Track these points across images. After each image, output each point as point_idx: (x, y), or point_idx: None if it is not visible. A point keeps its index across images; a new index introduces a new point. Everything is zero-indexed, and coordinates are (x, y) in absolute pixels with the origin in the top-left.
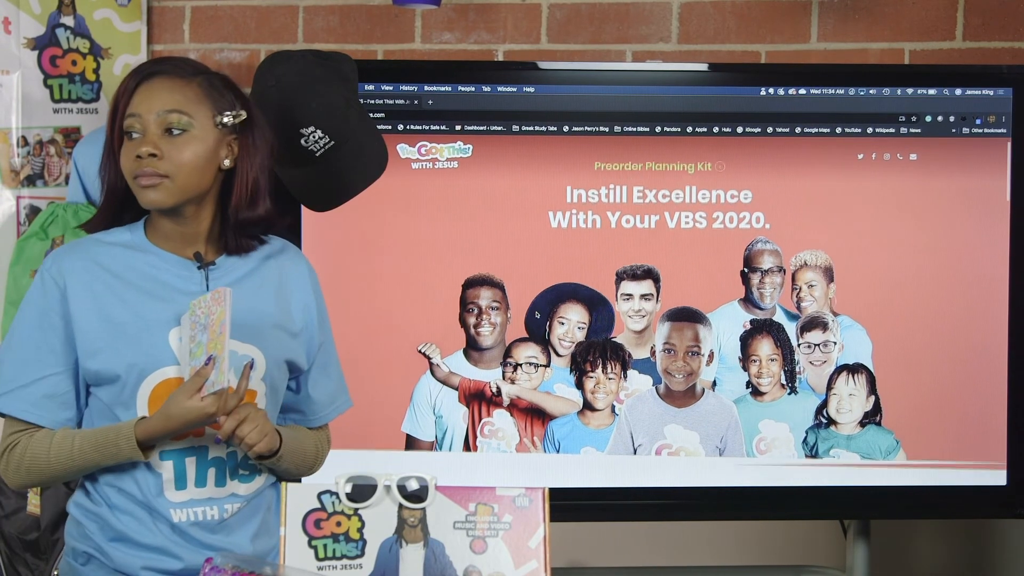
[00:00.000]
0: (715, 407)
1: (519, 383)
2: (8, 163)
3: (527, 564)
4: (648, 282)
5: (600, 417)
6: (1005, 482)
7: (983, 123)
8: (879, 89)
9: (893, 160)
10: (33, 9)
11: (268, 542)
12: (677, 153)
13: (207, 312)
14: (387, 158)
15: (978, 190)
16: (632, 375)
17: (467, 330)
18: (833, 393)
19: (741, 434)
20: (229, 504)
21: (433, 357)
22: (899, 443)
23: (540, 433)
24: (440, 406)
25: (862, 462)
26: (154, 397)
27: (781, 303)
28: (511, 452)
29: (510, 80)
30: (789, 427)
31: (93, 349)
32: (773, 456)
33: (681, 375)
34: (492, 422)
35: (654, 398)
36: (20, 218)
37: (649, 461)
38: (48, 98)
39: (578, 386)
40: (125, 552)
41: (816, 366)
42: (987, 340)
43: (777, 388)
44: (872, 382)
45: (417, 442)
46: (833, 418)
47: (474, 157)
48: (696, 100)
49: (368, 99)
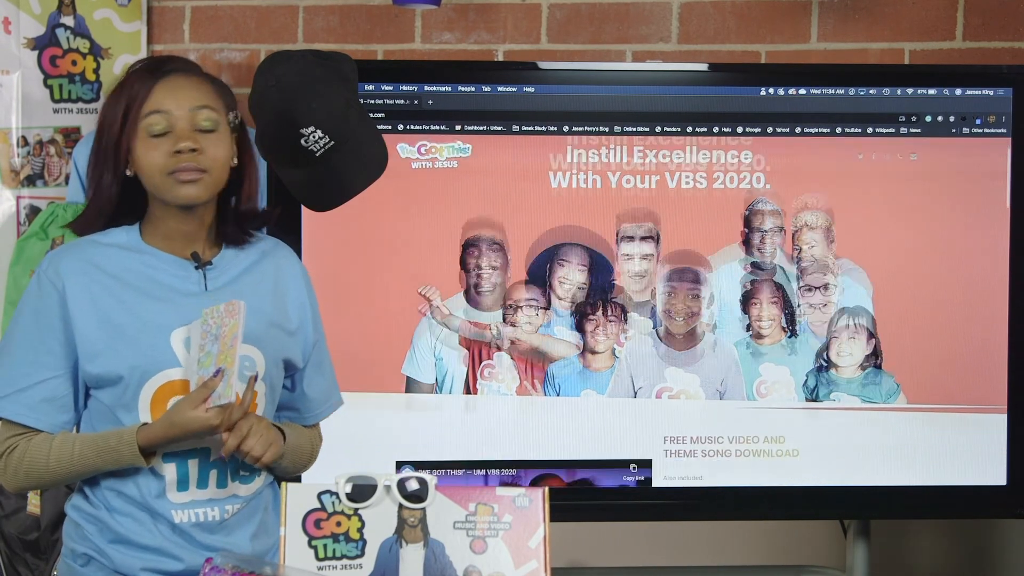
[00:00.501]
0: (715, 350)
1: (519, 326)
2: (8, 163)
3: (527, 564)
4: (649, 224)
5: (600, 360)
6: (1005, 482)
7: (983, 123)
8: (879, 89)
9: (893, 160)
10: (33, 9)
11: (267, 542)
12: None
13: (219, 323)
14: (387, 158)
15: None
16: (632, 318)
17: (468, 272)
18: (833, 336)
19: (741, 377)
20: (230, 505)
21: (433, 299)
22: (899, 386)
23: (540, 376)
24: (440, 348)
25: (863, 405)
26: (156, 399)
27: (782, 246)
28: (511, 395)
29: (510, 80)
30: (789, 370)
31: (93, 352)
32: (773, 399)
33: (681, 318)
34: (492, 365)
35: (654, 341)
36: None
37: (649, 405)
38: (48, 98)
39: (578, 329)
40: (125, 553)
41: (816, 309)
42: (987, 294)
43: (777, 331)
44: (873, 325)
45: (417, 384)
46: (833, 361)
47: (473, 157)
48: (696, 100)
49: (368, 99)
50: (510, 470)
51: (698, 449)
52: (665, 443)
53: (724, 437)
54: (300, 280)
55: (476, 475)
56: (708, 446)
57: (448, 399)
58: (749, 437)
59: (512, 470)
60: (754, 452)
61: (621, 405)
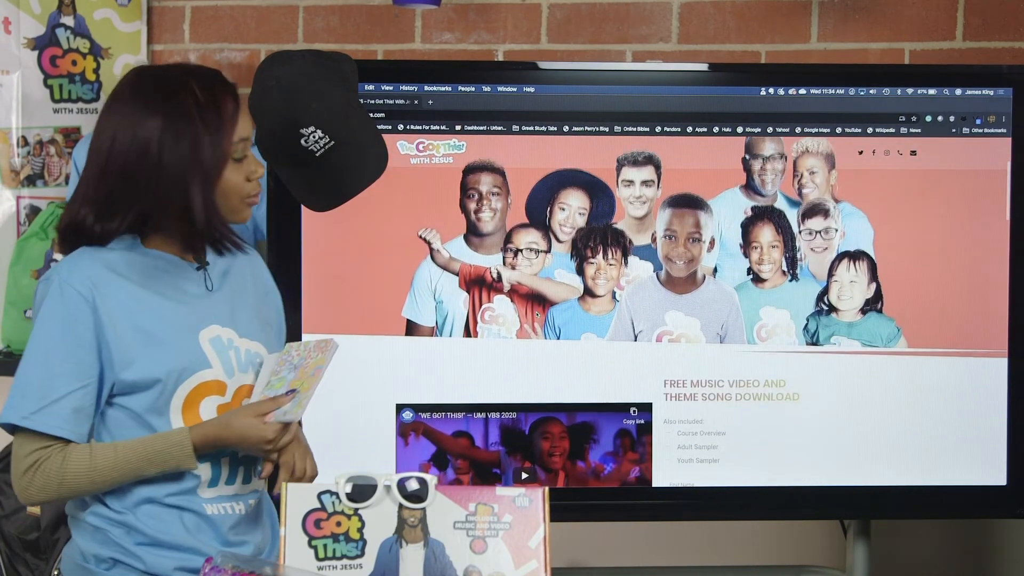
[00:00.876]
0: (716, 294)
1: (519, 269)
2: (8, 163)
3: (527, 564)
4: (649, 168)
5: (601, 303)
6: (1005, 482)
7: (983, 123)
8: (879, 89)
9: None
10: (33, 9)
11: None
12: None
13: (303, 355)
14: (387, 158)
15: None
16: (633, 261)
17: (467, 215)
18: (834, 280)
19: (742, 321)
20: (252, 499)
21: (433, 242)
22: (900, 330)
23: (540, 319)
24: (440, 291)
25: (864, 349)
26: (188, 401)
27: (782, 190)
28: (511, 338)
29: (510, 80)
30: (790, 314)
31: (127, 359)
32: (774, 343)
33: (682, 262)
34: (492, 308)
35: (655, 284)
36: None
37: (649, 348)
38: (48, 98)
39: (579, 272)
40: (157, 555)
41: (817, 253)
42: (988, 238)
43: (778, 275)
44: (873, 269)
45: (417, 327)
46: (834, 305)
47: (467, 153)
48: (696, 100)
49: (368, 99)
50: (510, 413)
51: (698, 393)
52: (665, 387)
53: (724, 381)
54: (268, 272)
55: (476, 418)
56: (708, 390)
57: (448, 342)
58: (749, 381)
59: (512, 413)
60: (754, 396)
61: (621, 349)
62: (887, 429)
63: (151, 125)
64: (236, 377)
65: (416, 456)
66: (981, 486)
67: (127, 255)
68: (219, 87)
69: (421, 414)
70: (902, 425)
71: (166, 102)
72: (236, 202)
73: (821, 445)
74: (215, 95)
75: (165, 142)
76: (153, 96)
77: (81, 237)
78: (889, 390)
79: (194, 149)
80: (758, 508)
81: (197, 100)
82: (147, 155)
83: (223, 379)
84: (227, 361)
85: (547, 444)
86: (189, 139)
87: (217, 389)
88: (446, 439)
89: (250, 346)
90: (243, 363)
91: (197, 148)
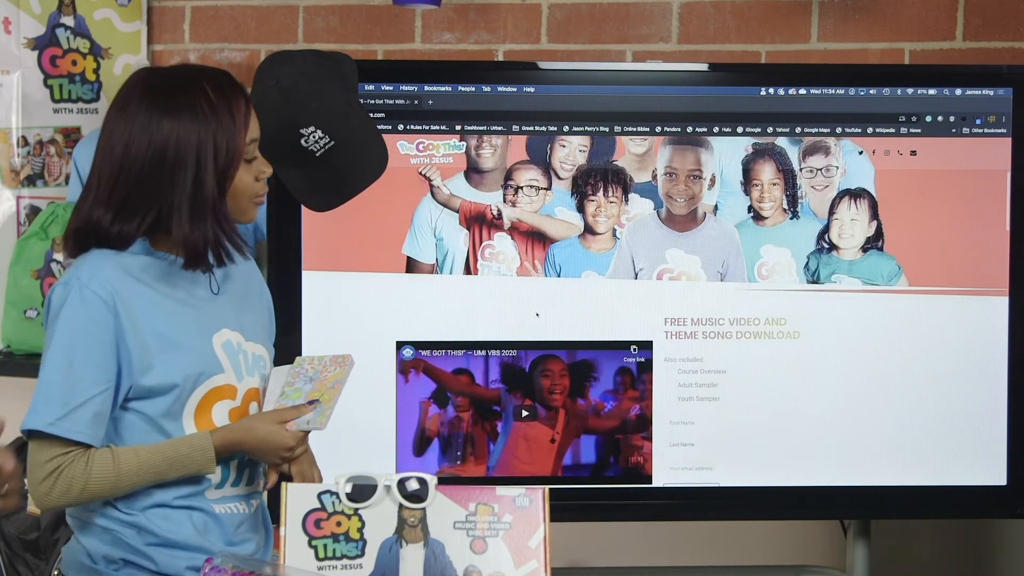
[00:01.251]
0: (717, 232)
1: (520, 206)
2: (8, 163)
3: (527, 564)
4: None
5: (601, 241)
6: (1005, 482)
7: (983, 123)
8: (879, 89)
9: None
10: (33, 9)
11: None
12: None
13: (318, 369)
14: (387, 158)
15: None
16: (633, 199)
17: (468, 152)
18: (835, 218)
19: (743, 259)
20: (254, 500)
21: (434, 179)
22: (901, 268)
23: (541, 256)
24: (441, 229)
25: (864, 287)
26: (202, 405)
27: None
28: (512, 275)
29: (510, 80)
30: (791, 252)
31: (146, 364)
32: (774, 281)
33: (683, 199)
34: (493, 245)
35: (655, 222)
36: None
37: (650, 286)
38: (48, 98)
39: (579, 210)
40: (168, 555)
41: (818, 191)
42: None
43: (779, 213)
44: (874, 207)
45: (417, 264)
46: (835, 243)
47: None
48: (696, 100)
49: (368, 99)
50: (510, 351)
51: (699, 331)
52: (666, 324)
53: (725, 319)
54: (260, 274)
55: (476, 355)
56: (709, 328)
57: (448, 279)
58: (750, 319)
59: (512, 351)
60: (755, 334)
61: (622, 286)
62: (888, 369)
63: (166, 127)
64: (245, 381)
65: (416, 393)
66: (981, 486)
67: (141, 258)
68: (230, 88)
69: (421, 351)
70: (903, 364)
71: (180, 104)
72: (245, 202)
73: (821, 383)
74: (227, 96)
75: (181, 144)
76: (166, 98)
77: (97, 239)
78: (891, 332)
79: (210, 150)
80: (758, 508)
81: (210, 101)
82: (164, 158)
83: (234, 383)
84: (237, 365)
85: (547, 382)
86: (205, 140)
87: (229, 393)
88: (446, 376)
89: (255, 349)
90: (250, 366)
91: (213, 149)
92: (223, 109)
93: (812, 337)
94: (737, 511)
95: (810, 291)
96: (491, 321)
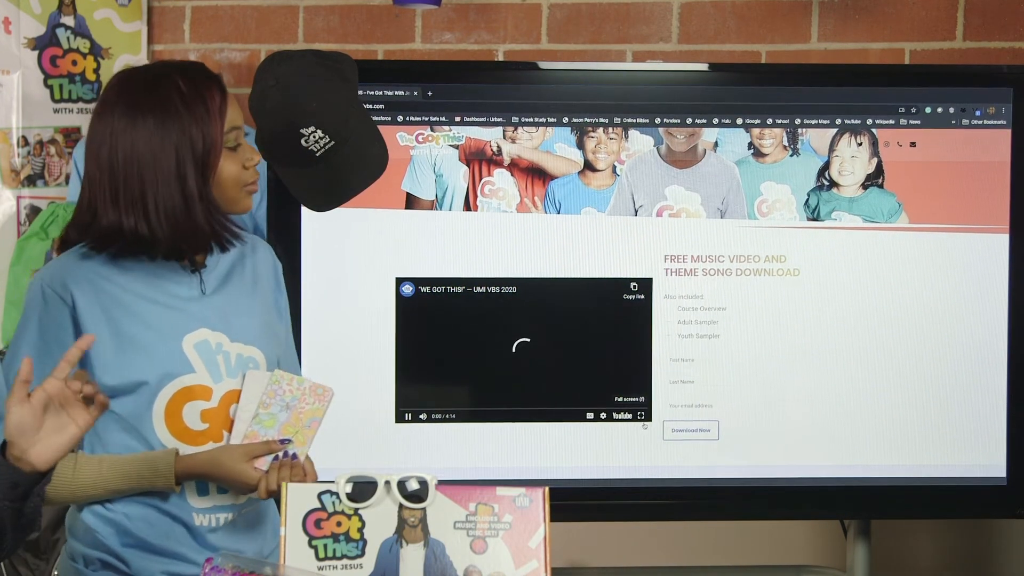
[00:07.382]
0: (717, 168)
1: (520, 142)
2: (8, 163)
3: (527, 564)
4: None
5: (601, 178)
6: (1005, 482)
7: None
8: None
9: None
10: (33, 9)
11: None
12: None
13: (296, 396)
14: (387, 158)
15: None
16: (633, 135)
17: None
18: (835, 155)
19: (743, 196)
20: (246, 507)
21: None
22: (901, 205)
23: (541, 193)
24: (440, 165)
25: (865, 224)
26: (171, 406)
27: None
28: (511, 212)
29: (510, 80)
30: (791, 189)
31: (104, 363)
32: (774, 218)
33: (683, 136)
34: (492, 181)
35: (655, 159)
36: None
37: (650, 223)
38: (48, 98)
39: (579, 146)
40: (143, 557)
41: (818, 127)
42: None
43: (779, 149)
44: (875, 144)
45: (417, 200)
46: (835, 180)
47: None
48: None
49: (368, 99)
50: (510, 287)
51: (699, 268)
52: (666, 261)
53: (725, 256)
54: (275, 275)
55: (476, 292)
56: (709, 264)
57: (448, 216)
58: (750, 256)
59: (512, 288)
60: (755, 271)
61: (622, 223)
62: (885, 310)
63: (142, 125)
64: (224, 382)
65: (416, 328)
66: (981, 486)
67: (114, 259)
68: (202, 79)
69: (421, 287)
70: (901, 300)
71: (153, 101)
72: (235, 192)
73: (821, 320)
74: (199, 88)
75: (157, 140)
76: (140, 97)
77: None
78: (890, 267)
79: (186, 144)
80: (758, 508)
81: (182, 94)
82: (143, 157)
83: (208, 384)
84: (214, 366)
85: (547, 317)
86: (180, 133)
87: (202, 394)
88: (446, 311)
89: (243, 350)
90: (232, 368)
91: (190, 143)
92: (196, 101)
93: (812, 274)
94: (737, 511)
95: (810, 228)
96: (490, 257)
